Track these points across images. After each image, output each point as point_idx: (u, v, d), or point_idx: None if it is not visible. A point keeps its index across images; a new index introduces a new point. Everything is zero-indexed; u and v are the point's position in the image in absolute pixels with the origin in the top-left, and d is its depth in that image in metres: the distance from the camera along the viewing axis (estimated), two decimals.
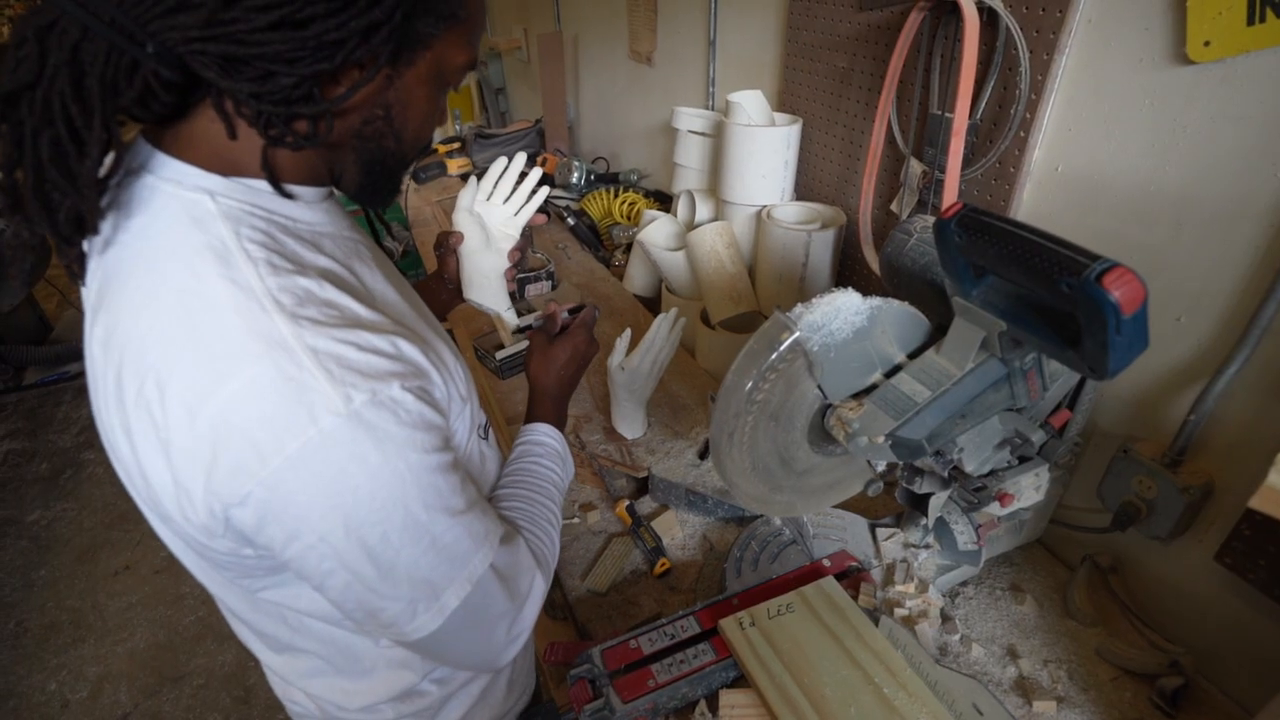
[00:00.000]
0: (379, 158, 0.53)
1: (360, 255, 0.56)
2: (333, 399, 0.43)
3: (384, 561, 0.48)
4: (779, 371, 0.65)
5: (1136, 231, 0.79)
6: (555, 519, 0.70)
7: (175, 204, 0.46)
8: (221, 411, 0.42)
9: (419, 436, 0.48)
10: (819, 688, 0.71)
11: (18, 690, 1.91)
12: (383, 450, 0.45)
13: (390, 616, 0.50)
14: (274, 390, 0.42)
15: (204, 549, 0.51)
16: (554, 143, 2.52)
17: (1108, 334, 0.48)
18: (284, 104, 0.44)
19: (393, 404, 0.46)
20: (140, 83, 0.41)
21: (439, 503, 0.50)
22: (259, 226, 0.47)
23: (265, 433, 0.42)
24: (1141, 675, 0.80)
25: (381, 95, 0.49)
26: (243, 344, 0.42)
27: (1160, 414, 0.82)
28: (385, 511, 0.46)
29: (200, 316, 0.43)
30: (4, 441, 2.86)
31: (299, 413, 0.42)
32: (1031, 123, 0.87)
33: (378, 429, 0.45)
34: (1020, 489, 0.76)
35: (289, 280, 0.45)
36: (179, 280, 0.44)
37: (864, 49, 1.12)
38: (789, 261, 1.21)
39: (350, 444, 0.44)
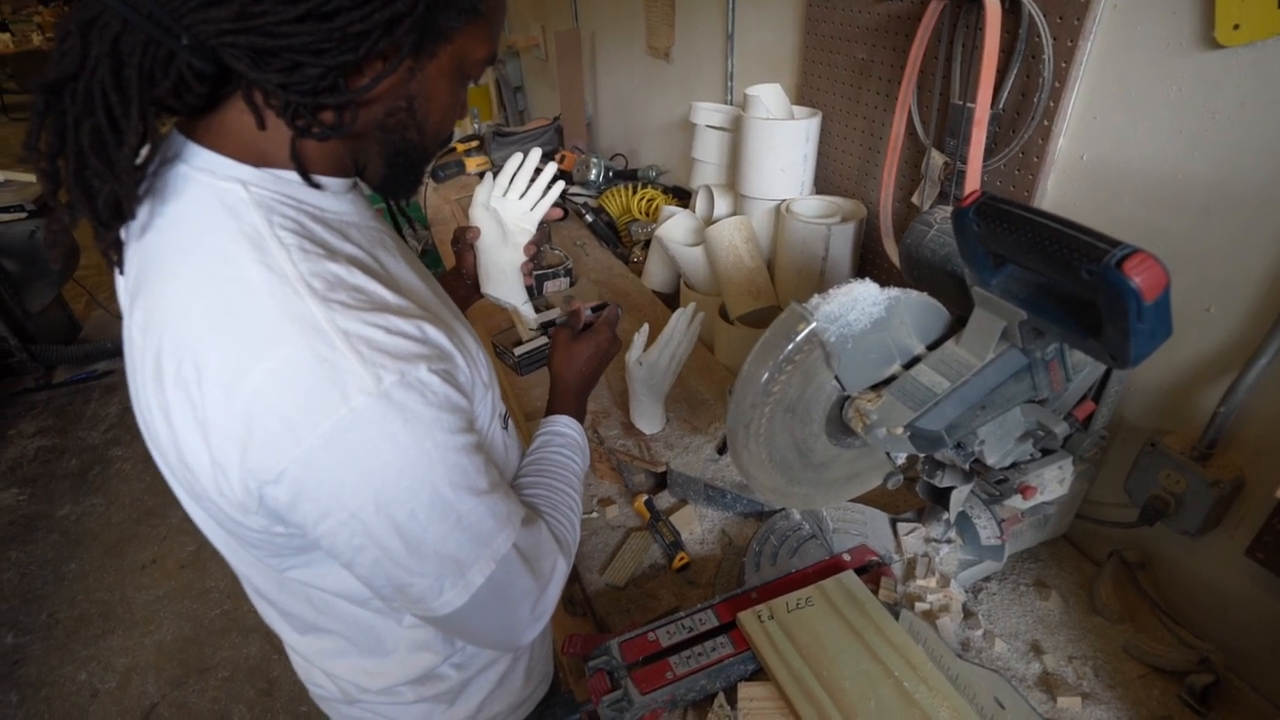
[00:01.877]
0: (402, 149, 0.54)
1: (385, 245, 0.58)
2: (364, 379, 0.44)
3: (412, 538, 0.49)
4: (796, 363, 0.65)
5: (1164, 220, 0.78)
6: (575, 505, 0.71)
7: (209, 192, 0.47)
8: (257, 390, 0.43)
9: (445, 417, 0.49)
10: (838, 681, 0.71)
11: (50, 680, 1.96)
12: (411, 429, 0.46)
13: (418, 592, 0.52)
14: (308, 370, 0.43)
15: (237, 527, 0.53)
16: (572, 140, 2.53)
17: (1129, 321, 0.47)
18: (311, 94, 0.45)
19: (420, 385, 0.47)
20: (175, 74, 0.43)
21: (464, 482, 0.51)
22: (289, 215, 0.49)
23: (299, 411, 0.43)
24: (1170, 672, 0.78)
25: (404, 87, 0.50)
26: (277, 325, 0.44)
27: (1189, 407, 0.81)
28: (414, 489, 0.48)
29: (236, 300, 0.45)
30: (35, 438, 2.93)
31: (332, 392, 0.44)
32: (1055, 111, 0.86)
33: (407, 409, 0.46)
34: (1043, 482, 0.75)
35: (320, 265, 0.47)
36: (215, 265, 0.45)
37: (883, 40, 1.11)
38: (808, 256, 1.20)
39: (381, 422, 0.45)
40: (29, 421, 3.03)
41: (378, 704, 0.72)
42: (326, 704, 0.78)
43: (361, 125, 0.50)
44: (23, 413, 3.08)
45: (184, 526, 2.45)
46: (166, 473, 0.56)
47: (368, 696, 0.71)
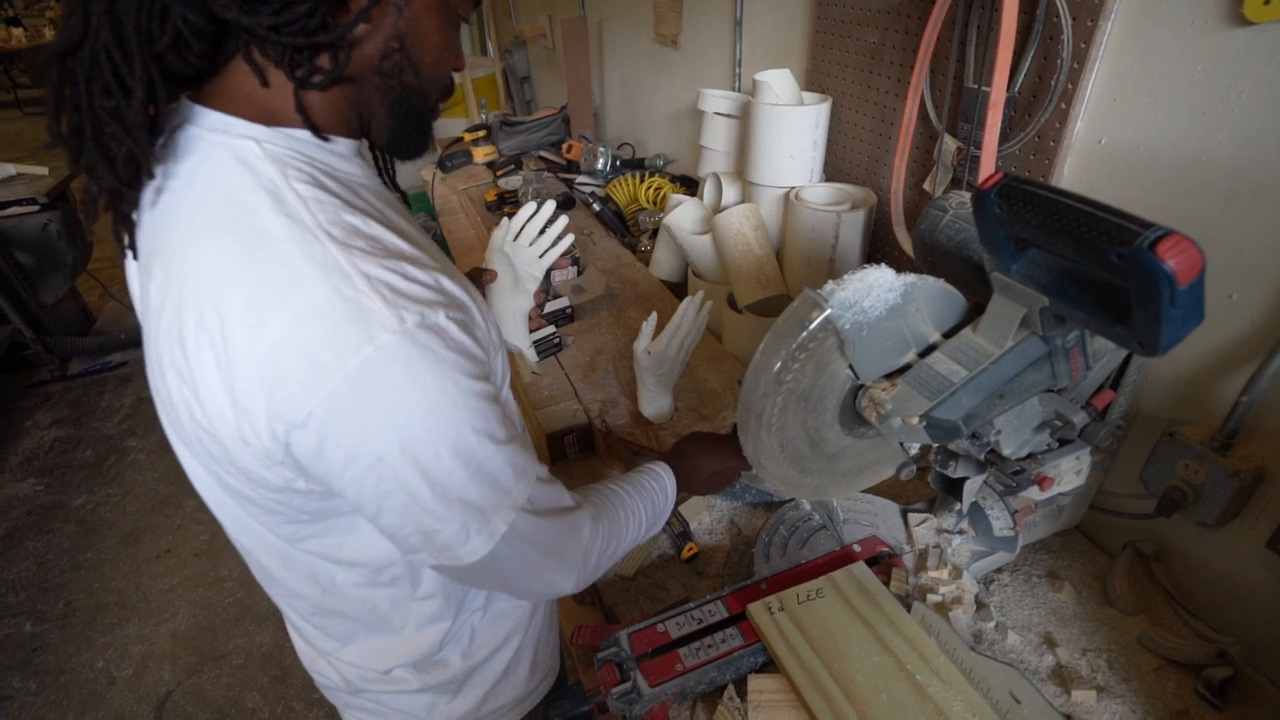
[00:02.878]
0: (403, 95, 0.55)
1: (394, 206, 0.58)
2: (388, 318, 0.45)
3: (438, 482, 0.49)
4: (809, 351, 0.64)
5: (1186, 204, 0.76)
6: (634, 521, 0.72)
7: (223, 150, 0.48)
8: (283, 332, 0.44)
9: (463, 362, 0.49)
10: (849, 673, 0.70)
11: (67, 667, 1.99)
12: (435, 370, 0.47)
13: (445, 539, 0.52)
14: (333, 310, 0.44)
15: (255, 490, 0.53)
16: (579, 129, 2.51)
17: (1161, 306, 0.45)
18: (302, 34, 0.46)
19: (439, 329, 0.48)
20: (172, 29, 0.44)
21: (484, 428, 0.51)
22: (304, 170, 0.49)
23: (325, 351, 0.44)
24: (1186, 665, 0.77)
25: (394, 25, 0.51)
26: (300, 269, 0.44)
27: (1209, 396, 0.79)
28: (438, 431, 0.48)
29: (257, 247, 0.45)
30: (51, 429, 2.96)
31: (357, 331, 0.44)
32: (1073, 93, 0.84)
33: (429, 349, 0.47)
34: (1060, 473, 0.73)
35: (336, 215, 0.48)
36: (234, 215, 0.46)
37: (895, 23, 1.09)
38: (818, 244, 1.19)
39: (405, 362, 0.45)
40: (45, 413, 3.06)
41: (382, 694, 0.72)
42: (332, 694, 0.78)
43: (358, 69, 0.51)
44: (39, 404, 3.12)
45: (198, 516, 2.47)
46: (178, 443, 0.56)
47: (372, 686, 0.71)
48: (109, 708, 1.88)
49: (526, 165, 2.42)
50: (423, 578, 0.65)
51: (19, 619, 2.14)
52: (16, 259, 2.92)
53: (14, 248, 2.90)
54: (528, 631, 0.79)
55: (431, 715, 0.75)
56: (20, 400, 3.14)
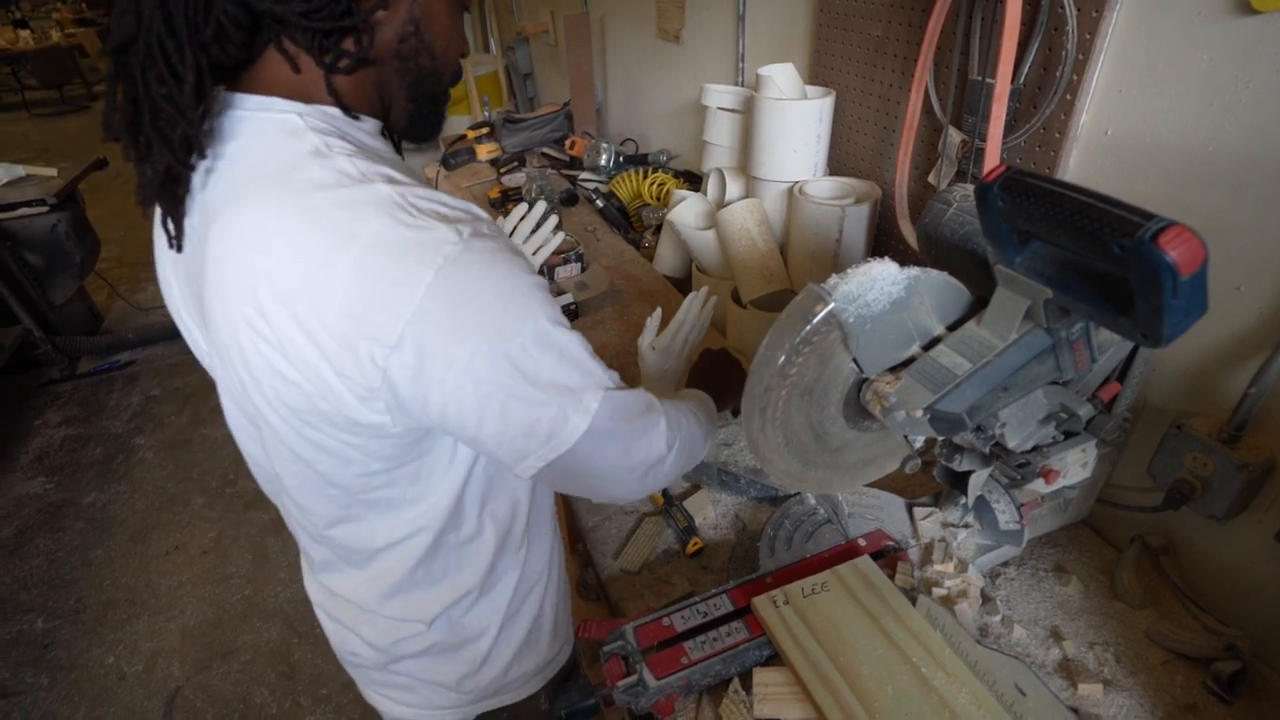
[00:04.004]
0: (420, 78, 0.59)
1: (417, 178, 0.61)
2: (448, 233, 0.49)
3: (529, 371, 0.53)
4: (813, 345, 0.64)
5: (1193, 196, 0.75)
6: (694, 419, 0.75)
7: (268, 124, 0.52)
8: (357, 265, 0.47)
9: (519, 260, 0.53)
10: (855, 666, 0.70)
11: (79, 663, 2.01)
12: (500, 268, 0.51)
13: (547, 425, 0.55)
14: (399, 235, 0.48)
15: (344, 431, 0.55)
16: (582, 125, 2.51)
17: (1163, 297, 0.45)
18: (330, 18, 0.50)
19: (490, 235, 0.52)
20: (215, 20, 0.48)
21: (555, 316, 0.55)
22: (339, 138, 0.53)
23: (401, 272, 0.47)
24: (1195, 659, 0.77)
25: (409, 10, 0.56)
26: (359, 208, 0.48)
27: (1217, 388, 0.78)
28: (520, 321, 0.52)
29: (315, 199, 0.49)
30: (60, 428, 2.99)
31: (426, 249, 0.48)
32: (1079, 85, 0.83)
33: (489, 251, 0.51)
34: (1066, 465, 0.73)
35: (376, 168, 0.51)
36: (287, 178, 0.50)
37: (899, 15, 1.08)
38: (822, 238, 1.19)
39: (475, 264, 0.49)
40: (55, 412, 3.09)
41: (415, 663, 0.75)
42: (363, 671, 0.80)
43: (379, 52, 0.56)
44: (49, 403, 3.14)
45: (205, 514, 2.49)
46: (262, 403, 0.57)
47: (411, 649, 0.73)
48: (119, 703, 1.90)
49: (530, 162, 2.42)
50: (467, 518, 0.68)
51: (31, 615, 2.16)
52: (26, 259, 2.94)
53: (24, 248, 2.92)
54: (546, 594, 0.81)
55: (462, 685, 0.77)
56: (30, 399, 3.17)
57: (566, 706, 0.78)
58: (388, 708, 0.82)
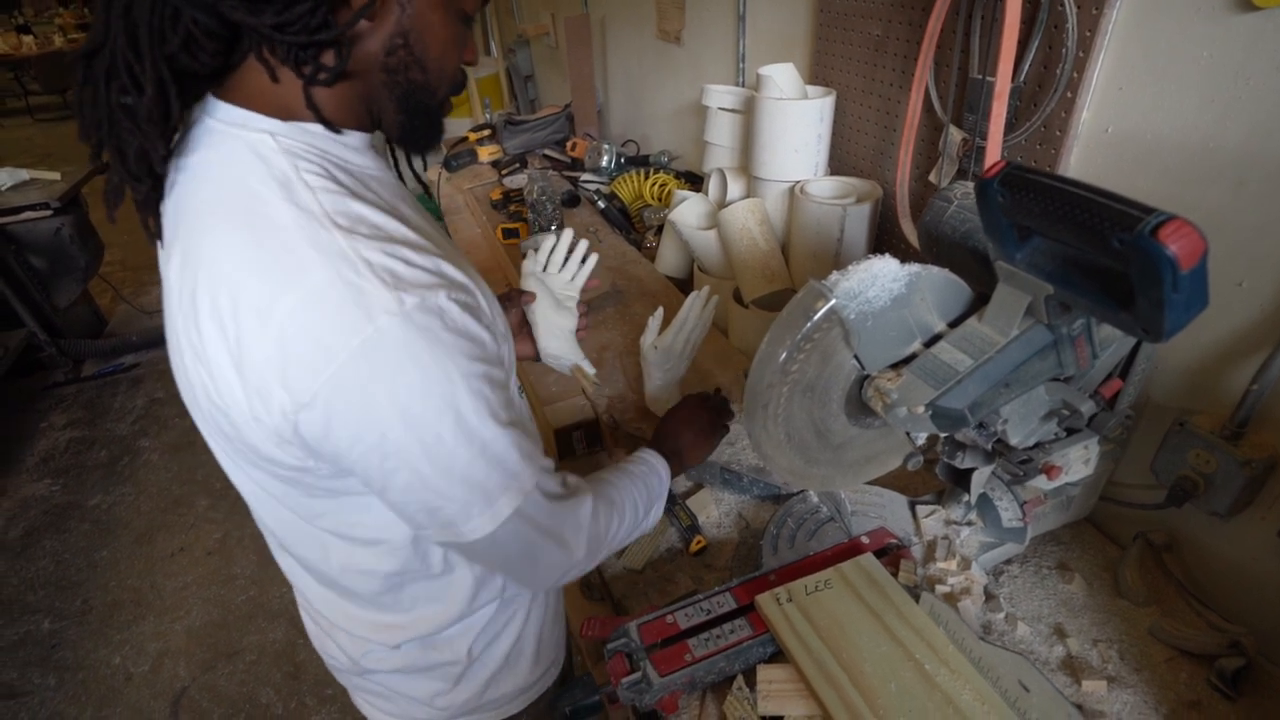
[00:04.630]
0: (410, 90, 0.56)
1: (405, 199, 0.60)
2: (388, 300, 0.46)
3: (440, 460, 0.51)
4: (814, 341, 0.64)
5: (1194, 192, 0.75)
6: (630, 504, 0.73)
7: (238, 142, 0.50)
8: (289, 315, 0.46)
9: (464, 344, 0.51)
10: (858, 663, 0.70)
11: (85, 663, 2.02)
12: (434, 349, 0.48)
13: (448, 516, 0.54)
14: (335, 293, 0.46)
15: (270, 464, 0.54)
16: (583, 127, 2.51)
17: (1164, 291, 0.45)
18: (304, 32, 0.47)
19: (439, 310, 0.49)
20: (183, 30, 0.46)
21: (487, 409, 0.52)
22: (315, 161, 0.51)
23: (329, 332, 0.46)
24: (1199, 656, 0.77)
25: (397, 22, 0.52)
26: (305, 255, 0.47)
27: (1219, 385, 0.78)
28: (439, 410, 0.49)
29: (266, 234, 0.47)
30: (65, 430, 3.00)
31: (358, 313, 0.46)
32: (1079, 82, 0.83)
33: (429, 330, 0.48)
34: (1068, 462, 0.73)
35: (343, 204, 0.50)
36: (247, 204, 0.48)
37: (899, 14, 1.08)
38: (823, 238, 1.19)
39: (404, 342, 0.47)
40: (59, 414, 3.10)
41: (387, 677, 0.74)
42: (341, 675, 0.80)
43: (363, 66, 0.53)
44: (53, 406, 3.16)
45: (210, 515, 2.50)
46: (200, 420, 0.57)
47: (380, 665, 0.72)
48: (126, 703, 1.91)
49: (531, 164, 2.43)
50: (434, 557, 0.66)
51: (38, 616, 2.17)
52: (30, 263, 2.96)
53: (28, 252, 2.94)
54: (528, 622, 0.80)
55: (435, 701, 0.76)
56: (35, 402, 3.18)
57: (570, 704, 0.78)
58: (371, 714, 0.81)
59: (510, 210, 2.09)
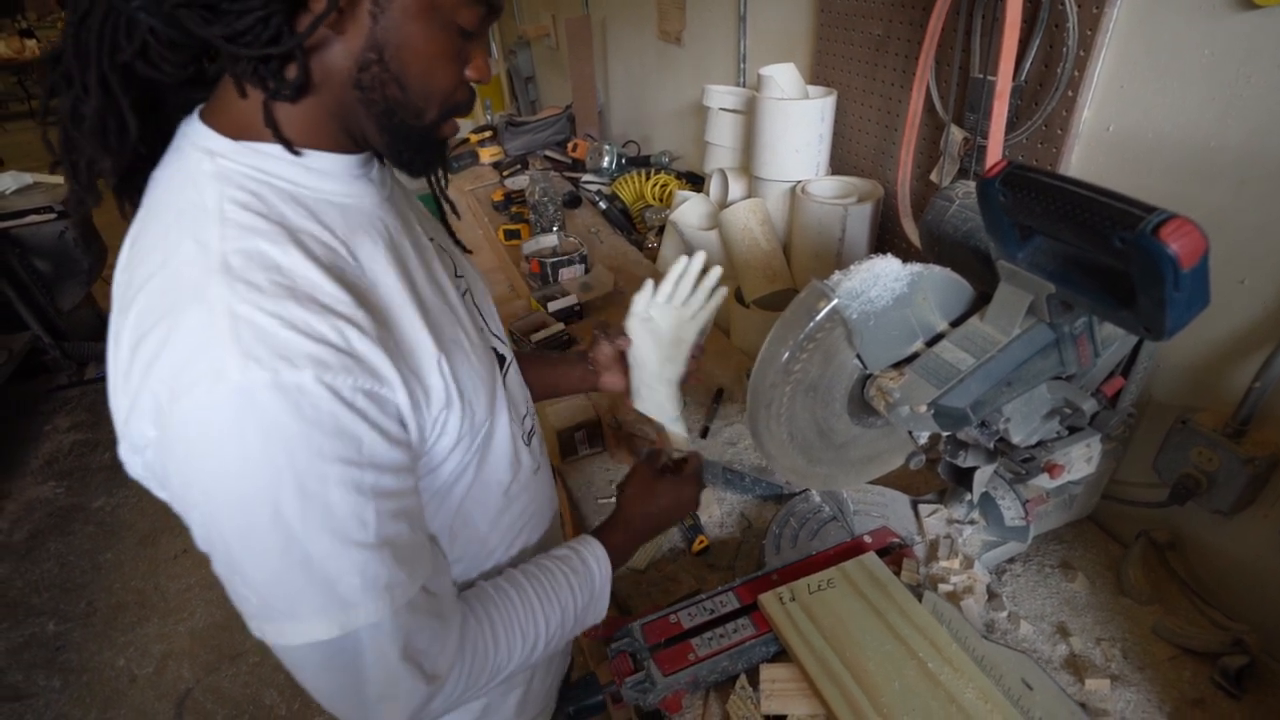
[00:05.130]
0: (389, 110, 0.50)
1: (377, 236, 0.54)
2: (232, 368, 0.41)
3: (236, 559, 0.45)
4: (817, 341, 0.64)
5: (1195, 191, 0.75)
6: (533, 635, 0.62)
7: (185, 162, 0.48)
8: (148, 358, 0.43)
9: (319, 439, 0.44)
10: (861, 662, 0.71)
11: (90, 665, 2.02)
12: (266, 439, 0.42)
13: (248, 610, 0.48)
14: (186, 346, 0.42)
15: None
16: (584, 128, 2.52)
17: (1165, 290, 0.46)
18: (256, 44, 0.44)
19: (296, 392, 0.43)
20: (139, 39, 0.44)
21: (325, 521, 0.45)
22: (248, 187, 0.47)
23: (171, 384, 0.42)
24: (1202, 654, 0.77)
25: (370, 35, 0.47)
26: (180, 298, 0.43)
27: (1221, 383, 0.78)
28: (250, 505, 0.43)
29: (164, 267, 0.45)
30: (69, 433, 3.00)
31: (200, 373, 0.42)
32: (1080, 81, 0.83)
33: (268, 415, 0.42)
34: (1070, 460, 0.73)
35: (250, 243, 0.45)
36: (165, 232, 0.46)
37: (900, 14, 1.08)
38: (825, 237, 1.19)
39: (233, 421, 0.42)
40: (64, 417, 3.11)
41: None
42: None
43: (331, 81, 0.48)
44: (57, 408, 3.16)
45: None
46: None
47: None
48: (130, 705, 1.91)
49: (532, 165, 2.43)
50: None
51: (42, 619, 2.17)
52: (34, 266, 2.97)
53: (32, 255, 2.94)
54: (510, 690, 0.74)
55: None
56: (39, 405, 3.19)
57: (574, 703, 0.78)
58: None
59: (512, 211, 2.10)
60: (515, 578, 0.64)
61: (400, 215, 0.59)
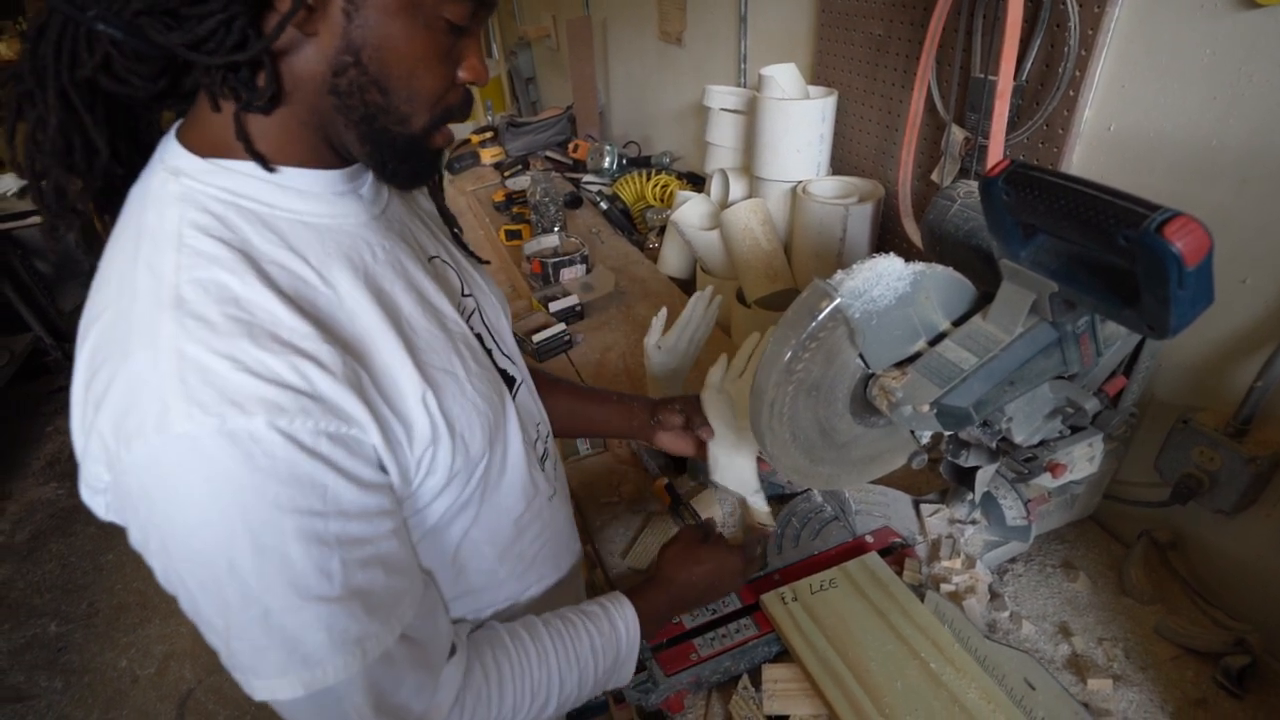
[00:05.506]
0: (369, 117, 0.47)
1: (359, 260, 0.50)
2: (175, 414, 0.39)
3: (200, 608, 0.44)
4: (820, 340, 0.64)
5: (1197, 190, 0.75)
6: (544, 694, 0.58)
7: (152, 183, 0.46)
8: (98, 400, 0.41)
9: (274, 489, 0.41)
10: (864, 662, 0.71)
11: (92, 666, 2.02)
12: (215, 490, 0.40)
13: (224, 660, 0.46)
14: (131, 390, 0.40)
15: None
16: (585, 129, 2.52)
17: (1169, 288, 0.46)
18: (220, 52, 0.41)
19: (248, 440, 0.40)
20: (101, 52, 0.41)
21: (284, 575, 0.42)
22: (213, 210, 0.45)
23: (116, 430, 0.40)
24: (1204, 654, 0.77)
25: (345, 35, 0.43)
26: (129, 334, 0.41)
27: (1223, 382, 0.78)
28: (205, 559, 0.41)
29: (119, 297, 0.43)
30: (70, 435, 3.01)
31: (144, 420, 0.39)
32: (1081, 81, 0.83)
33: (216, 465, 0.40)
34: (1073, 460, 0.73)
35: (207, 273, 0.42)
36: (123, 257, 0.44)
37: (901, 14, 1.09)
38: (826, 237, 1.19)
39: (179, 471, 0.40)
40: (65, 418, 3.09)
41: None
42: None
43: (304, 88, 0.45)
44: (59, 409, 3.16)
45: None
46: None
47: None
48: (132, 705, 1.91)
49: (533, 166, 2.43)
50: None
51: (44, 620, 2.17)
52: (36, 268, 2.97)
53: (34, 256, 2.95)
54: None
55: None
56: (41, 406, 3.19)
57: None
58: None
59: (513, 212, 2.10)
60: (536, 628, 0.61)
61: (397, 233, 0.56)
